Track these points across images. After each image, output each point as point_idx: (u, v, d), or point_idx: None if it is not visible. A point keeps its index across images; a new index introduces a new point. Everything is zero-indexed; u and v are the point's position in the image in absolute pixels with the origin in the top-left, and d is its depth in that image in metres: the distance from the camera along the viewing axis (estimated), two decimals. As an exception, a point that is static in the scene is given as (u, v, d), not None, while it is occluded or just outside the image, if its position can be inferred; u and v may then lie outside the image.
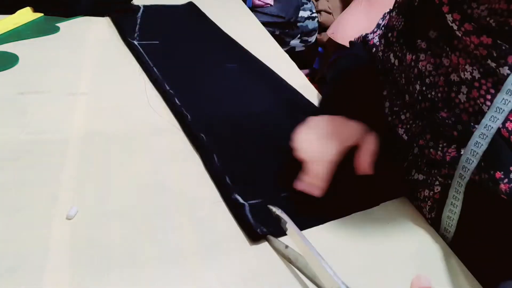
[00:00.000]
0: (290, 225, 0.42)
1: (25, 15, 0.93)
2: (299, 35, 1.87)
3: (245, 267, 0.40)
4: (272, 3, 1.77)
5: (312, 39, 1.94)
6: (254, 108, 0.67)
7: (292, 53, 1.83)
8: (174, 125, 0.61)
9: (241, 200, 0.47)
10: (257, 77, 0.77)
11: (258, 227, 0.44)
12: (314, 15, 1.91)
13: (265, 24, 1.10)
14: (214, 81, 0.74)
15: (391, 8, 0.58)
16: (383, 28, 0.62)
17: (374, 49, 0.61)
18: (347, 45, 0.71)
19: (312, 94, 0.73)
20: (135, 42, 0.85)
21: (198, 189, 0.50)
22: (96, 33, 0.91)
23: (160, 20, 0.99)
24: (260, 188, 0.49)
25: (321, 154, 0.47)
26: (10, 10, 0.92)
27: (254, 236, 0.43)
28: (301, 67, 0.84)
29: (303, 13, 1.87)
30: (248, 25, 1.05)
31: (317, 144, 0.48)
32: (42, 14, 0.95)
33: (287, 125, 0.64)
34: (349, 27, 1.53)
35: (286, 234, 0.43)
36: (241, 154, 0.55)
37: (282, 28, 1.81)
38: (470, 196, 0.44)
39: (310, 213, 0.47)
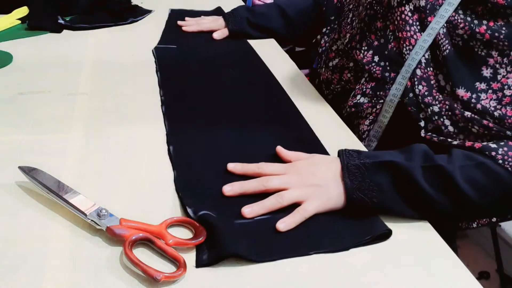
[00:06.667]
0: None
1: (22, 14, 0.93)
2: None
3: (243, 261, 0.40)
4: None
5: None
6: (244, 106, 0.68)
7: (292, 53, 1.83)
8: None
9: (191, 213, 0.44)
10: (256, 88, 0.75)
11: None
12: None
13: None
14: (214, 88, 0.72)
15: None
16: None
17: None
18: None
19: (310, 95, 0.73)
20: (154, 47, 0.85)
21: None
22: (96, 33, 0.91)
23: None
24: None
25: None
26: (7, 10, 0.92)
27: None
28: (301, 67, 0.84)
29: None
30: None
31: None
32: (41, 14, 0.95)
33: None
34: None
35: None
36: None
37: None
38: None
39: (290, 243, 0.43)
